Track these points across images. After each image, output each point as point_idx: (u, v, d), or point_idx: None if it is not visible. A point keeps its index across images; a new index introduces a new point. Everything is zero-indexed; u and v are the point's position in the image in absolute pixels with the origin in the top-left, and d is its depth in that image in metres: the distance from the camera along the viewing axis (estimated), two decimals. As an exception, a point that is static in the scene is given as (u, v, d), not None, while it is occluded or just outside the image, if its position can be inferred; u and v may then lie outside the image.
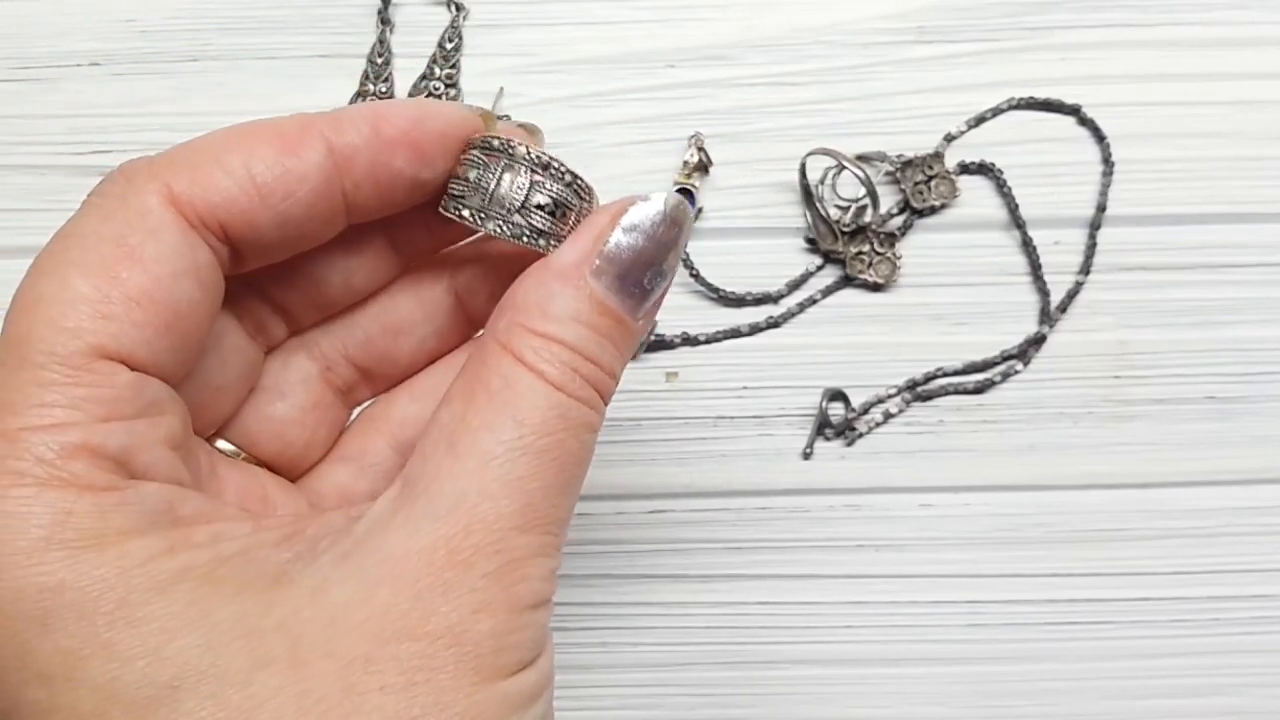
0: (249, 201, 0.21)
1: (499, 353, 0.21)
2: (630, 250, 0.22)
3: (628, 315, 0.22)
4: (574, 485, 0.22)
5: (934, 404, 0.39)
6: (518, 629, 0.20)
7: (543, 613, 0.21)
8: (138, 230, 0.20)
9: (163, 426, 0.21)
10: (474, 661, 0.19)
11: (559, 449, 0.21)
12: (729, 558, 0.38)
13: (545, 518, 0.21)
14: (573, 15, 0.41)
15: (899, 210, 0.40)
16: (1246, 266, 0.39)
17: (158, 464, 0.20)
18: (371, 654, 0.19)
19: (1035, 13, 0.41)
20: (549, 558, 0.21)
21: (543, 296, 0.22)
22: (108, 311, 0.20)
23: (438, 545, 0.20)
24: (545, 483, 0.21)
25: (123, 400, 0.20)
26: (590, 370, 0.22)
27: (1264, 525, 0.38)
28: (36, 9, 0.41)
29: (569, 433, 0.21)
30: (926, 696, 0.37)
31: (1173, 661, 0.37)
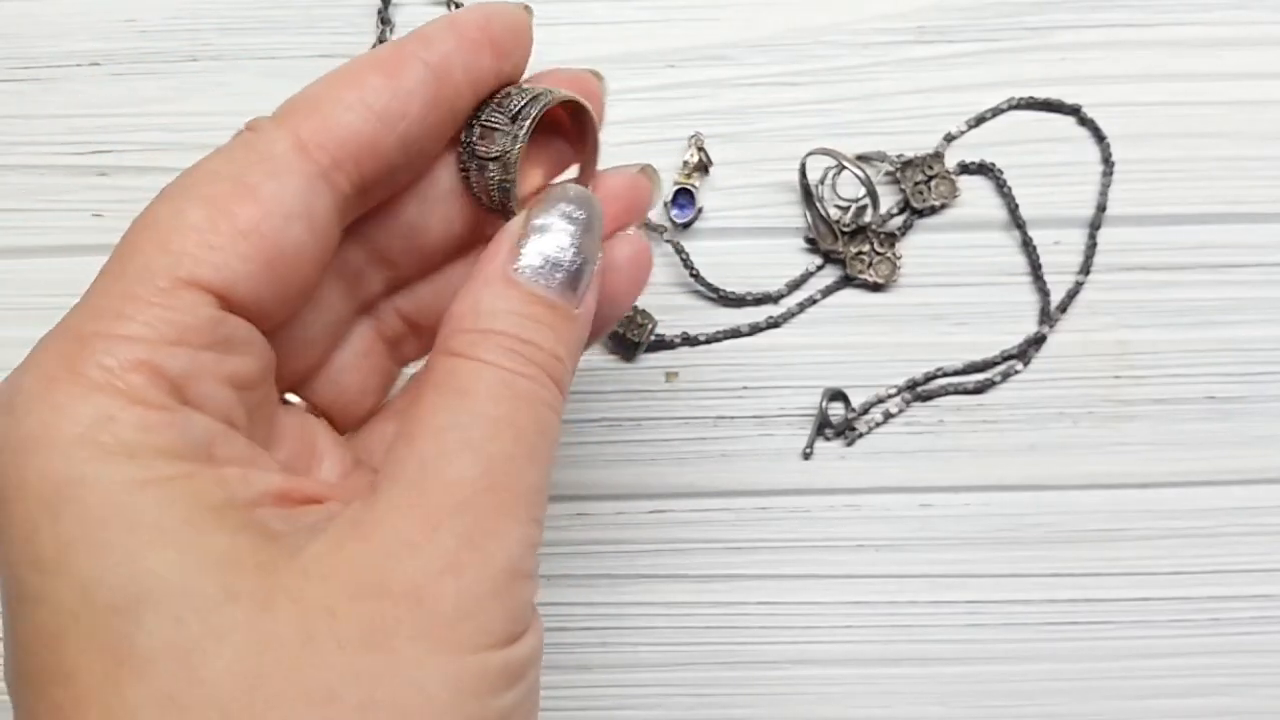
0: (373, 130, 0.22)
1: (439, 357, 0.22)
2: (545, 241, 0.23)
3: (560, 300, 0.23)
4: (538, 456, 0.22)
5: (934, 404, 0.39)
6: (488, 596, 0.20)
7: (520, 586, 0.21)
8: (258, 171, 0.22)
9: (231, 364, 0.21)
10: (435, 628, 0.19)
11: (512, 418, 0.21)
12: (729, 558, 0.38)
13: (511, 482, 0.21)
14: (573, 15, 0.41)
15: (899, 210, 0.40)
16: (1246, 266, 0.39)
17: (214, 399, 0.21)
18: (336, 607, 0.19)
19: (1035, 13, 0.41)
20: (522, 525, 0.21)
21: (473, 302, 0.22)
22: (213, 242, 0.21)
23: (405, 507, 0.20)
24: (504, 449, 0.21)
25: (197, 329, 0.20)
26: (530, 351, 0.22)
27: (1264, 525, 0.38)
28: (36, 9, 0.41)
29: (519, 404, 0.21)
30: (926, 696, 0.37)
31: (1173, 661, 0.37)
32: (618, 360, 0.39)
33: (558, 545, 0.38)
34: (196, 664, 0.18)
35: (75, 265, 0.39)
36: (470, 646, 0.19)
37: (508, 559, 0.20)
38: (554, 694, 0.37)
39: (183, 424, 0.20)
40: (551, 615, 0.37)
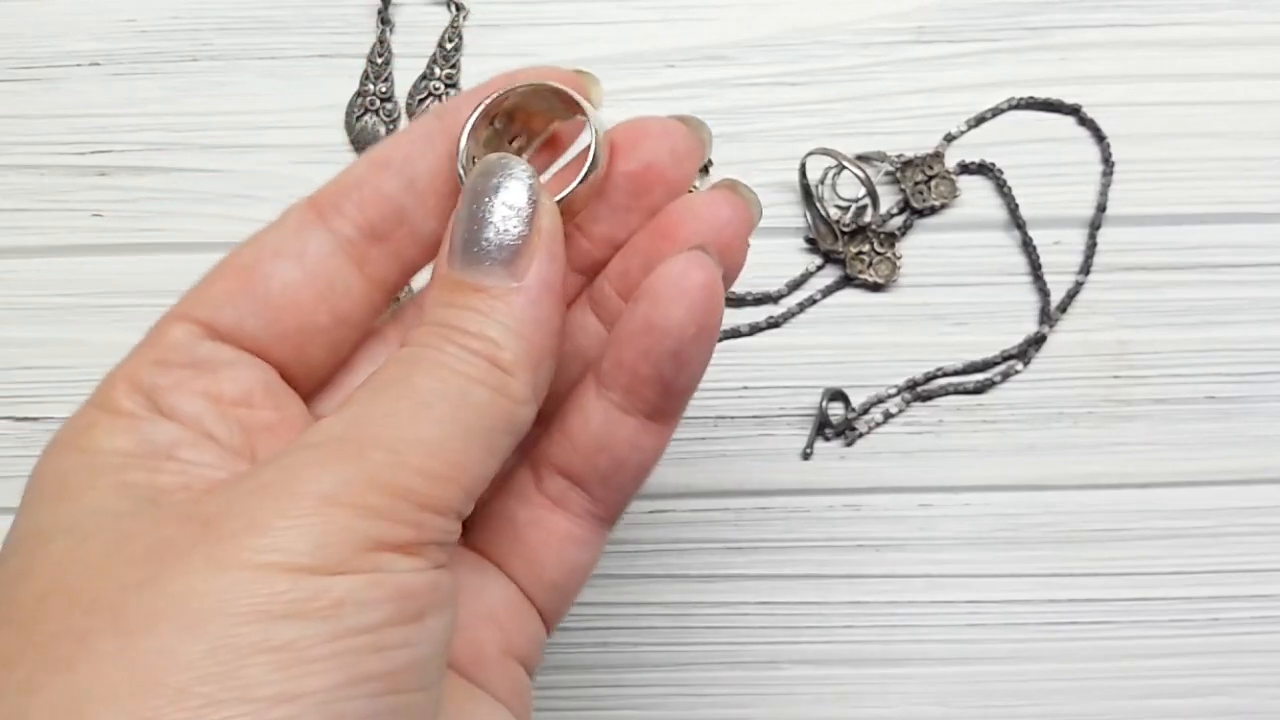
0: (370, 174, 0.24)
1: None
2: (465, 223, 0.22)
3: (483, 280, 0.22)
4: (474, 433, 0.21)
5: (934, 404, 0.39)
6: (289, 518, 0.18)
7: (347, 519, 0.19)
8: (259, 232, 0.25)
9: (206, 381, 0.23)
10: (220, 541, 0.18)
11: (443, 386, 0.21)
12: (729, 558, 0.38)
13: (380, 433, 0.20)
14: (573, 15, 0.41)
15: (899, 210, 0.40)
16: (1246, 266, 0.39)
17: (185, 409, 0.22)
18: (137, 534, 0.19)
19: (1035, 13, 0.41)
20: (386, 470, 0.20)
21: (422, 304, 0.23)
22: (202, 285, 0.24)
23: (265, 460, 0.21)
24: (385, 405, 0.21)
25: (175, 350, 0.23)
26: (458, 336, 0.22)
27: (1264, 525, 0.38)
28: (36, 9, 0.41)
29: (452, 376, 0.21)
30: (926, 696, 0.37)
31: (1173, 661, 0.37)
32: (618, 360, 0.39)
33: (558, 545, 0.38)
34: (16, 586, 0.19)
35: (75, 265, 0.39)
36: (253, 562, 0.18)
37: (331, 488, 0.19)
38: (554, 694, 0.37)
39: (144, 428, 0.22)
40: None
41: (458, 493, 0.20)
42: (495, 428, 0.21)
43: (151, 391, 0.22)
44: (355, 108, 0.40)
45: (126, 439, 0.22)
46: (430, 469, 0.20)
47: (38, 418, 0.38)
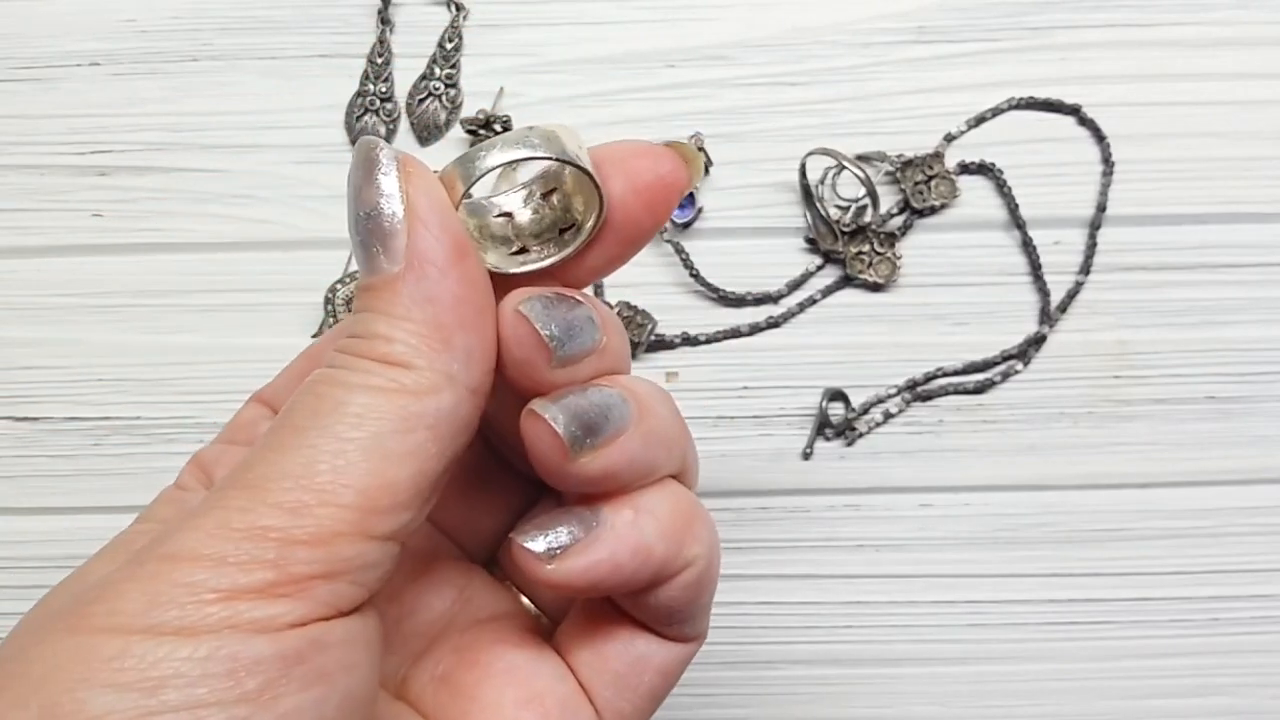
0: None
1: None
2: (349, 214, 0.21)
3: (372, 276, 0.20)
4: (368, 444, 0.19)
5: (934, 404, 0.39)
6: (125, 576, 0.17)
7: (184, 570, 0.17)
8: None
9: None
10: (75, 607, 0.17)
11: (320, 403, 0.19)
12: (729, 558, 0.38)
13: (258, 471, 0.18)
14: (573, 15, 0.41)
15: (899, 210, 0.40)
16: (1246, 266, 0.39)
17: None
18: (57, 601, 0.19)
19: (1035, 13, 0.41)
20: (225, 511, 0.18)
21: None
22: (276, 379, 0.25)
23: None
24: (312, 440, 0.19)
25: (242, 429, 0.24)
26: (353, 345, 0.20)
27: (1264, 525, 0.38)
28: (36, 9, 0.41)
29: (335, 390, 0.19)
30: (926, 696, 0.37)
31: (1173, 661, 0.37)
32: (618, 360, 0.39)
33: (558, 545, 0.38)
34: None
35: (75, 265, 0.39)
36: (94, 626, 0.17)
37: (172, 546, 0.18)
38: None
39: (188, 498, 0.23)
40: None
41: (353, 515, 0.18)
42: (399, 429, 0.19)
43: (209, 465, 0.23)
44: (355, 108, 0.40)
45: (170, 509, 0.22)
46: (297, 500, 0.18)
47: (38, 418, 0.38)
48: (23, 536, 0.38)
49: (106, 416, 0.38)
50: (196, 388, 0.38)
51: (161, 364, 0.39)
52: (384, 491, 0.19)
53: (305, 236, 0.39)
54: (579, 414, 0.21)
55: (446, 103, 0.40)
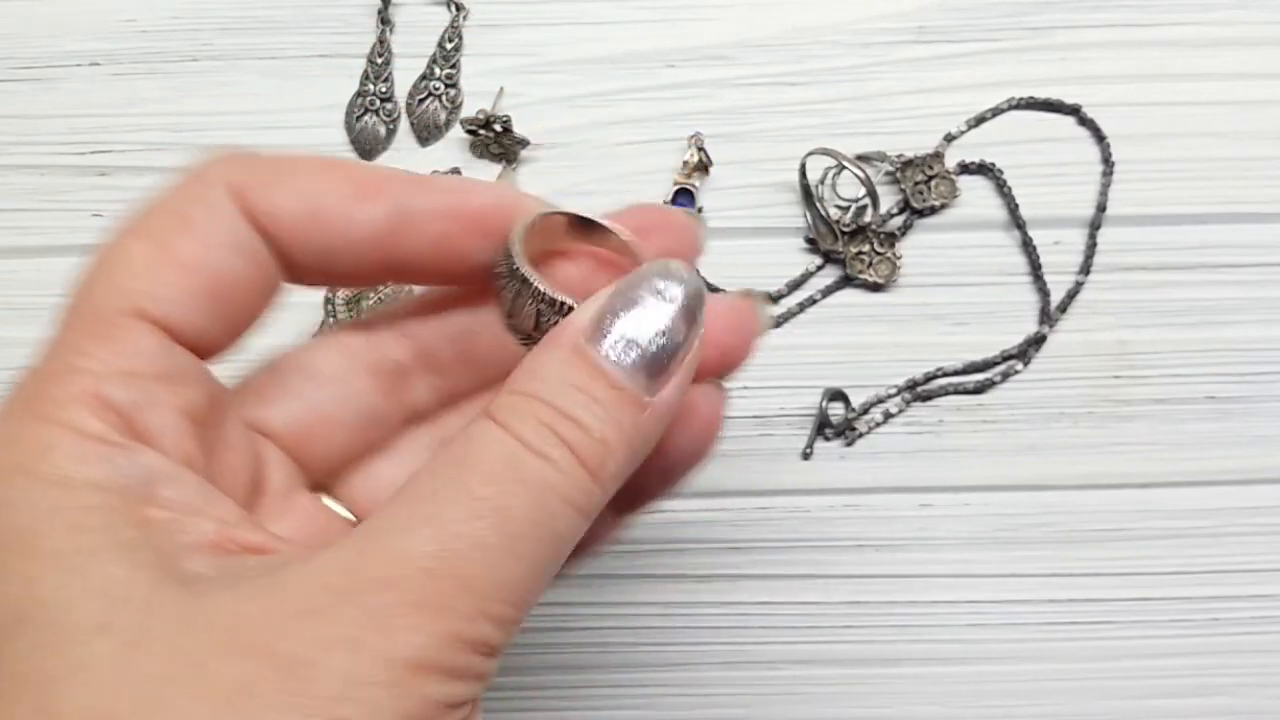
0: (297, 225, 0.22)
1: (480, 418, 0.20)
2: (630, 316, 0.21)
3: (628, 382, 0.20)
4: (526, 552, 0.19)
5: (934, 404, 0.39)
6: (383, 684, 0.17)
7: (436, 684, 0.18)
8: (198, 205, 0.21)
9: (184, 396, 0.21)
10: (306, 699, 0.17)
11: (504, 500, 0.19)
12: (729, 558, 0.38)
13: (473, 574, 0.18)
14: (573, 15, 0.41)
15: (899, 210, 0.40)
16: (1246, 266, 0.39)
17: (167, 430, 0.20)
18: (207, 661, 0.17)
19: (1035, 13, 0.41)
20: (465, 621, 0.18)
21: (534, 362, 0.21)
22: (154, 274, 0.21)
23: (327, 570, 0.18)
24: (478, 533, 0.18)
25: (146, 359, 0.20)
26: (570, 431, 0.19)
27: (1264, 525, 0.38)
28: (36, 9, 0.41)
29: (523, 489, 0.19)
30: (926, 696, 0.37)
31: (1173, 661, 0.37)
32: (618, 360, 0.39)
33: (558, 545, 0.38)
34: (53, 693, 0.17)
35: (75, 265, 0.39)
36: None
37: (421, 650, 0.18)
38: (554, 694, 0.37)
39: (122, 458, 0.19)
40: (552, 615, 0.37)
41: (512, 631, 0.19)
42: (558, 549, 0.20)
43: (128, 412, 0.20)
44: (355, 108, 0.40)
45: (99, 469, 0.19)
46: (504, 614, 0.19)
47: (38, 418, 0.38)
48: (23, 536, 0.38)
49: (106, 416, 0.38)
50: (196, 388, 0.38)
51: (161, 364, 0.39)
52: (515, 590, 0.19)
53: (305, 236, 0.39)
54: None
55: (446, 103, 0.40)
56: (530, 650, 0.37)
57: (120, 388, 0.20)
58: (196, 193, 0.22)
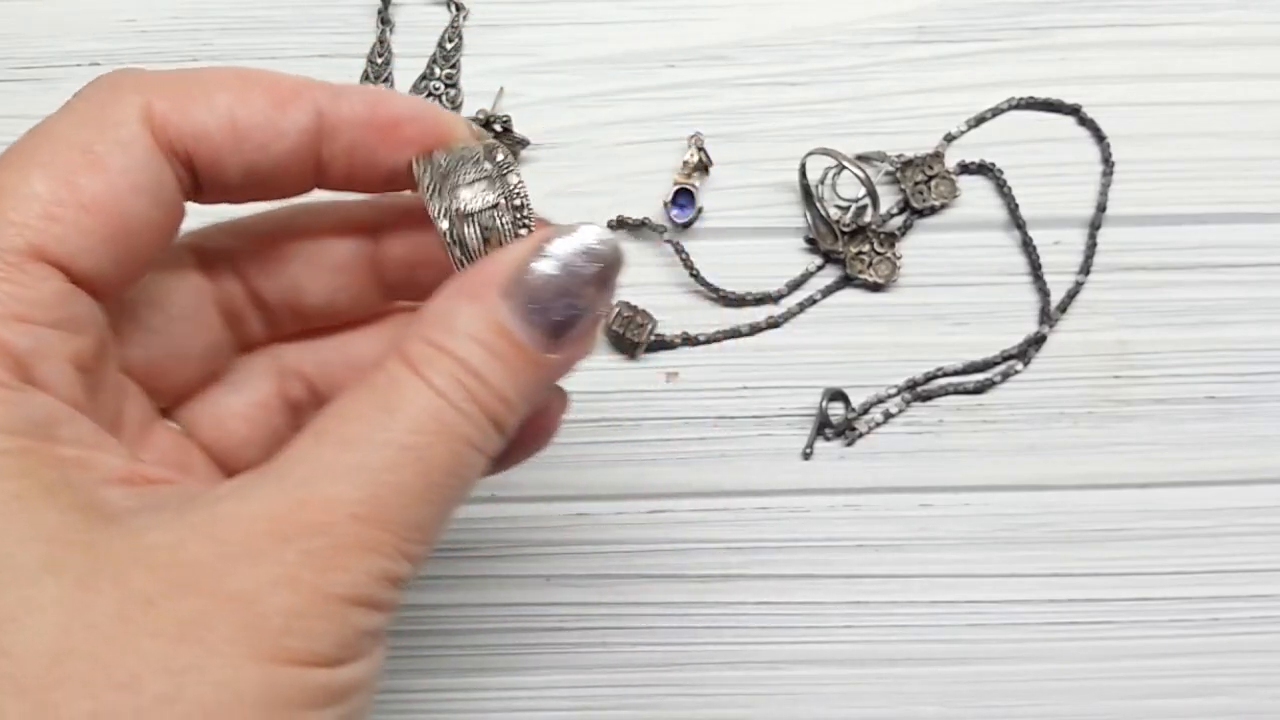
0: (222, 141, 0.22)
1: (393, 358, 0.21)
2: (545, 279, 0.22)
3: (532, 345, 0.22)
4: (439, 496, 0.21)
5: (934, 404, 0.39)
6: (320, 617, 0.19)
7: (363, 615, 0.20)
8: (107, 140, 0.21)
9: (76, 343, 0.21)
10: (255, 633, 0.19)
11: (427, 451, 0.20)
12: (729, 558, 0.38)
13: (393, 517, 0.20)
14: (573, 15, 0.41)
15: (899, 210, 0.40)
16: (1246, 266, 0.39)
17: (59, 378, 0.21)
18: (157, 599, 0.18)
19: (1035, 13, 0.41)
20: (387, 559, 0.20)
21: (447, 311, 0.22)
22: (57, 214, 0.20)
23: (263, 514, 0.19)
24: (402, 480, 0.20)
25: (44, 305, 0.20)
26: (478, 387, 0.21)
27: (1264, 525, 0.38)
28: (36, 9, 0.41)
29: (441, 439, 0.21)
30: (926, 696, 0.37)
31: (1173, 661, 0.37)
32: (618, 360, 0.39)
33: (558, 545, 0.38)
34: (6, 635, 0.18)
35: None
36: (290, 660, 0.19)
37: (352, 587, 0.20)
38: (554, 694, 0.37)
39: (23, 401, 0.20)
40: (551, 615, 0.37)
41: (421, 565, 0.21)
42: (463, 493, 0.22)
43: (24, 359, 0.20)
44: (355, 108, 0.40)
45: (3, 414, 0.20)
46: (418, 552, 0.21)
47: (38, 418, 0.38)
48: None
49: (106, 416, 0.38)
50: (196, 388, 0.38)
51: (161, 364, 0.39)
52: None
53: (305, 236, 0.39)
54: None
55: (446, 103, 0.40)
56: (530, 650, 0.37)
57: (17, 334, 0.20)
58: (106, 121, 0.21)
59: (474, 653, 0.37)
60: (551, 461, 0.38)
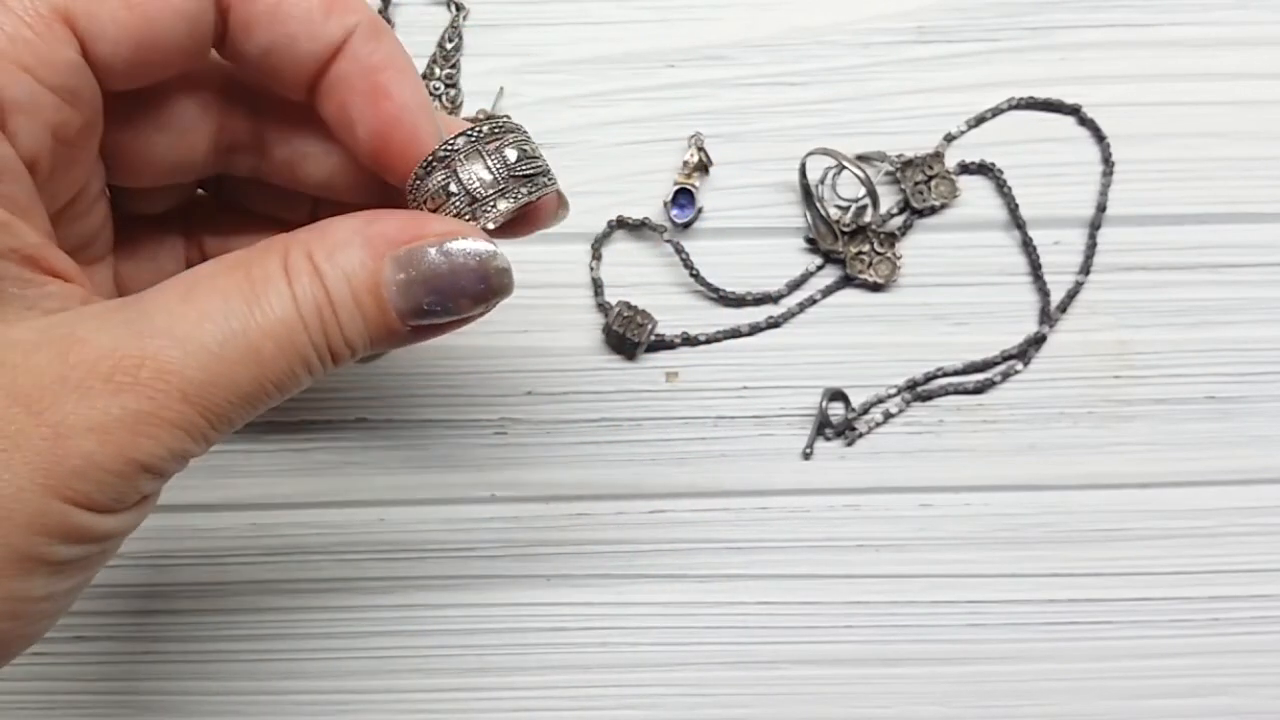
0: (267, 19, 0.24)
1: (283, 254, 0.23)
2: (432, 270, 0.24)
3: (395, 313, 0.24)
4: (259, 402, 0.23)
5: (934, 404, 0.39)
6: (114, 474, 0.21)
7: (149, 481, 0.22)
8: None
9: (65, 115, 0.22)
10: (53, 466, 0.20)
11: (270, 363, 0.22)
12: (729, 558, 0.38)
13: (214, 409, 0.22)
14: (573, 15, 0.41)
15: (899, 210, 0.40)
16: (1246, 266, 0.39)
17: (31, 137, 0.22)
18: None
19: (1035, 13, 0.41)
20: (192, 442, 0.22)
21: (344, 242, 0.23)
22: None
23: (110, 351, 0.21)
24: (238, 379, 0.22)
25: (52, 67, 0.22)
26: (333, 326, 0.23)
27: (1264, 525, 0.38)
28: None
29: (285, 355, 0.23)
30: (926, 696, 0.37)
31: (1173, 661, 0.37)
32: (618, 360, 0.39)
33: (558, 545, 0.38)
34: None
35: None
36: (70, 499, 0.21)
37: (152, 456, 0.21)
38: (554, 694, 0.37)
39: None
40: (551, 615, 0.37)
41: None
42: (273, 397, 0.23)
43: (3, 103, 0.22)
44: (355, 108, 0.40)
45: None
46: (215, 439, 0.23)
47: (38, 418, 0.38)
48: (23, 536, 0.38)
49: (106, 416, 0.38)
50: (196, 388, 0.38)
51: (161, 364, 0.39)
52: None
53: (305, 236, 0.39)
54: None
55: (446, 103, 0.40)
56: (531, 650, 0.37)
57: (13, 80, 0.21)
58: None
59: (474, 653, 0.37)
60: (552, 461, 0.38)
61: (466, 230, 0.24)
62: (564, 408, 0.38)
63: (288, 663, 0.37)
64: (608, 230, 0.39)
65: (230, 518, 0.38)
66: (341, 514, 0.38)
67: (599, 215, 0.39)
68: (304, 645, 0.37)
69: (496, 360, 0.38)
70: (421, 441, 0.38)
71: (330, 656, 0.37)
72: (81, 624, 0.37)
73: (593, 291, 0.39)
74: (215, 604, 0.37)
